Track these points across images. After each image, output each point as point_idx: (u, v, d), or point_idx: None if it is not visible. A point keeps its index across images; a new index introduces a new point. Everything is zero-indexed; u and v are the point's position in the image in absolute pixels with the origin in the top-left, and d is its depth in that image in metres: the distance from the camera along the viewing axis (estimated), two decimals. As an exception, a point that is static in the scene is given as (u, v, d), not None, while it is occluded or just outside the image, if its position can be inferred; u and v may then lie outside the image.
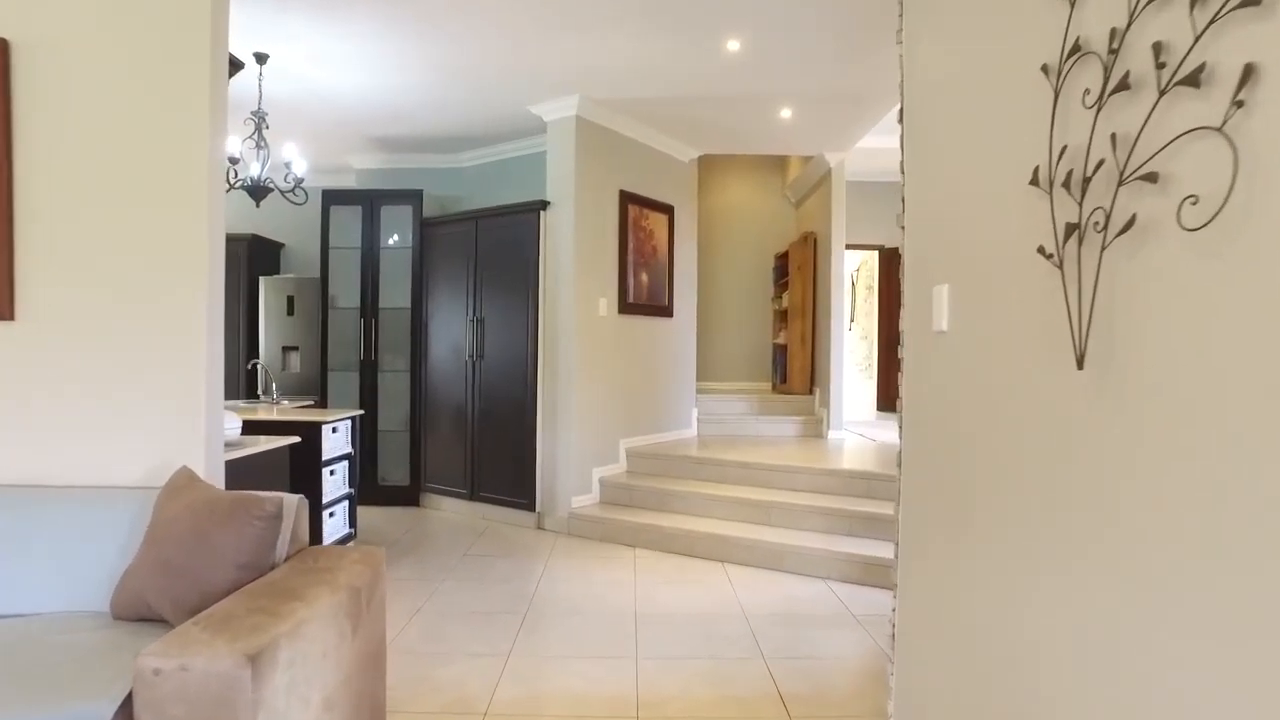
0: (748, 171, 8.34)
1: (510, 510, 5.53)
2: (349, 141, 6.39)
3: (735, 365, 8.25)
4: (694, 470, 5.49)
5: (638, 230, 5.95)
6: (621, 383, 5.82)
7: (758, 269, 8.30)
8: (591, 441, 5.51)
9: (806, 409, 7.02)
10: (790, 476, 5.08)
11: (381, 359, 6.18)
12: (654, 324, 6.17)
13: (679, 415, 6.54)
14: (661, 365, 6.29)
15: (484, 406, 5.70)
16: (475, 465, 5.74)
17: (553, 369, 5.39)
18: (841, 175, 6.62)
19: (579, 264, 5.35)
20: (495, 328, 5.64)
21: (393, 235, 6.19)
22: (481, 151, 6.62)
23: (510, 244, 5.55)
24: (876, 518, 4.43)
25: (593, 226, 5.49)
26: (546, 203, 5.41)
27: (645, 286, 6.04)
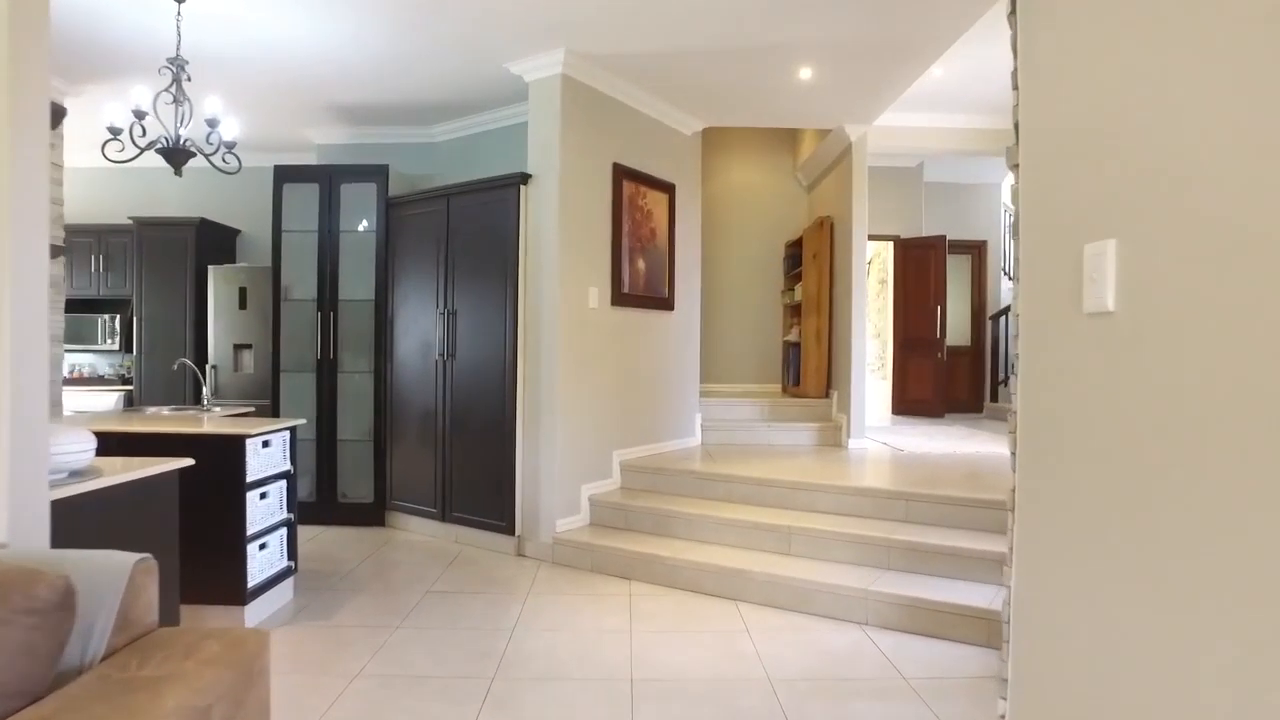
0: (755, 151, 7.58)
1: (486, 534, 4.77)
2: (305, 112, 5.62)
3: (742, 365, 7.50)
4: (699, 488, 4.73)
5: (634, 210, 5.19)
6: (615, 385, 5.07)
7: (766, 258, 7.55)
8: (580, 454, 4.75)
9: (823, 415, 6.27)
10: (812, 496, 4.33)
11: (342, 358, 5.42)
12: (652, 318, 5.42)
13: (681, 423, 5.79)
14: (661, 365, 5.54)
15: (456, 414, 4.94)
16: (446, 481, 4.98)
17: (535, 370, 4.63)
18: (863, 151, 5.87)
19: (565, 247, 4.60)
20: (469, 322, 4.88)
21: (354, 217, 5.42)
22: (456, 124, 5.86)
23: (486, 225, 4.80)
24: (919, 549, 3.68)
25: (582, 204, 4.74)
26: (527, 176, 4.65)
27: (642, 275, 5.29)
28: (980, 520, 3.85)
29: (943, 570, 3.61)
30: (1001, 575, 3.39)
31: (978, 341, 9.11)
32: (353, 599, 3.81)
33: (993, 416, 8.66)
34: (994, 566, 3.48)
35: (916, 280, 8.63)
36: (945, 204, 9.13)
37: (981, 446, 5.90)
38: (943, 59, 5.04)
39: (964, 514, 3.90)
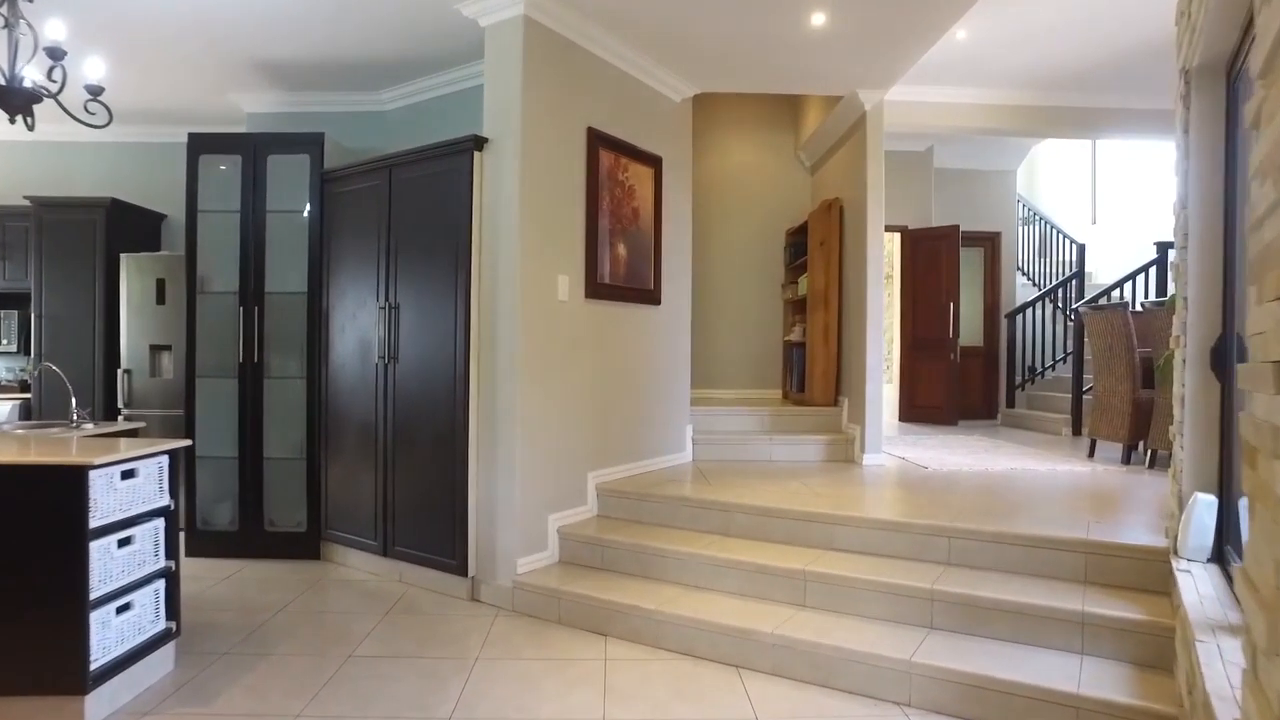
0: (753, 127, 6.79)
1: (435, 573, 3.96)
2: (227, 72, 4.79)
3: (738, 368, 6.70)
4: (691, 518, 3.93)
5: (613, 184, 4.39)
6: (590, 393, 4.26)
7: (765, 248, 6.76)
8: (546, 477, 3.95)
9: (831, 425, 5.48)
10: (830, 530, 3.54)
11: (269, 361, 4.59)
12: (635, 314, 4.62)
13: (669, 436, 4.99)
14: (646, 369, 4.74)
15: (400, 428, 4.12)
16: (388, 509, 4.16)
17: (490, 375, 3.82)
18: (879, 122, 5.10)
19: (528, 227, 3.79)
20: (414, 318, 4.06)
21: (285, 195, 4.59)
22: (408, 87, 5.04)
23: (434, 201, 3.98)
24: (973, 604, 2.89)
25: (549, 175, 3.93)
26: (483, 140, 3.84)
27: (623, 262, 4.49)
28: (1048, 564, 3.07)
29: (1005, 632, 2.82)
30: (1084, 642, 2.64)
31: (991, 342, 8.36)
32: (253, 669, 2.98)
33: (1011, 424, 7.90)
34: (1073, 629, 2.70)
35: (926, 274, 7.88)
36: (956, 192, 8.37)
37: (1015, 461, 5.13)
38: (968, 18, 4.28)
39: (1025, 556, 3.12)
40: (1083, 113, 6.28)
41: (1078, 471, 4.81)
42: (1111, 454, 5.46)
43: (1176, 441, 2.71)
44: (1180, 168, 2.59)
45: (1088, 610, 2.68)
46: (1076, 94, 6.11)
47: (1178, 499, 2.60)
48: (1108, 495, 4.04)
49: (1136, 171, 9.31)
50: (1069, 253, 8.88)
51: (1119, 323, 5.15)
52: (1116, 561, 2.95)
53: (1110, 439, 5.28)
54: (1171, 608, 2.64)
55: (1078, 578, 3.01)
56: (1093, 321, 5.42)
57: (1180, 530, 2.50)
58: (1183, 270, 2.58)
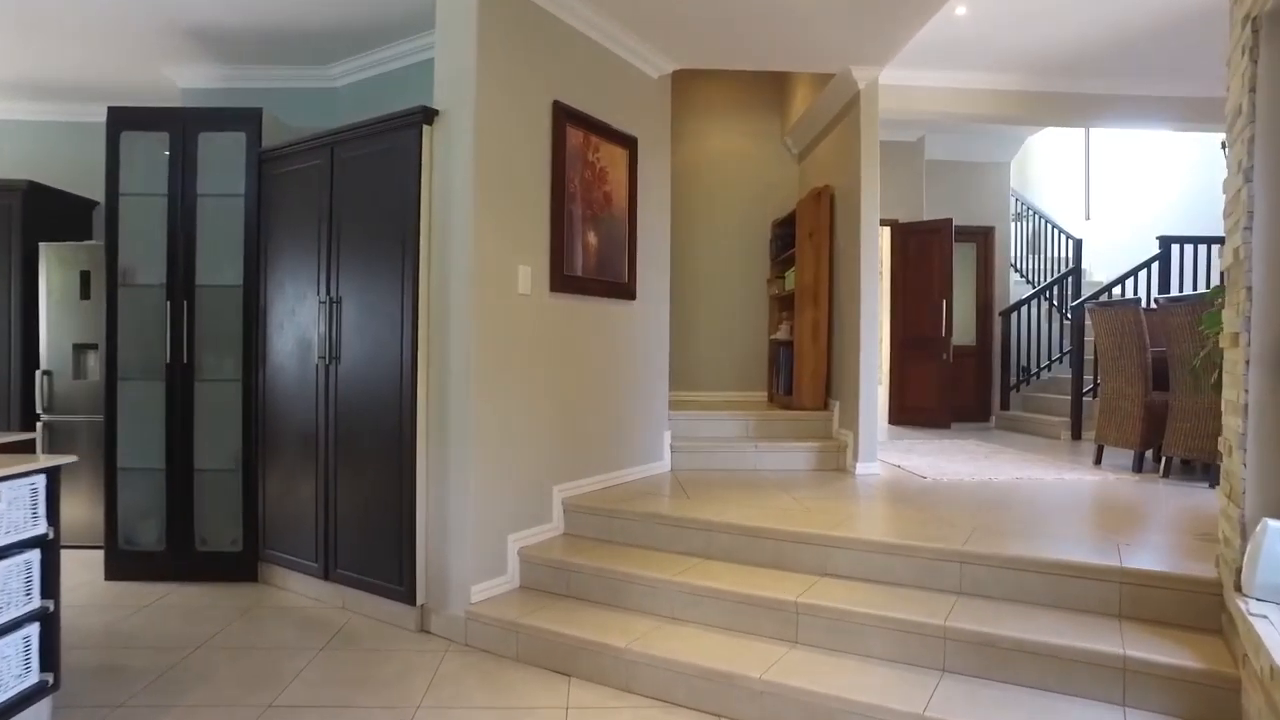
0: (736, 111, 6.38)
1: (380, 600, 3.51)
2: (155, 40, 4.31)
3: (721, 369, 6.28)
4: (669, 537, 3.51)
5: (583, 165, 3.96)
6: (555, 397, 3.83)
7: (750, 240, 6.35)
8: (505, 492, 3.51)
9: (822, 431, 5.08)
10: (824, 553, 3.13)
11: (201, 362, 4.12)
12: (607, 309, 4.19)
13: (645, 444, 4.56)
14: (619, 369, 4.31)
15: (342, 436, 3.67)
16: (329, 527, 3.71)
17: (441, 377, 3.38)
18: (874, 102, 4.70)
19: (484, 211, 3.35)
20: (358, 314, 3.61)
21: (219, 176, 4.12)
22: (361, 60, 4.59)
23: (379, 182, 3.53)
24: (993, 644, 2.48)
25: (509, 152, 3.50)
26: (433, 112, 3.40)
27: (594, 252, 4.06)
28: (1076, 595, 2.67)
29: (1031, 678, 2.42)
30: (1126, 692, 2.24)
31: (984, 341, 8.00)
32: (149, 724, 2.53)
33: (1006, 427, 7.55)
34: (1113, 677, 2.30)
35: (918, 270, 7.51)
36: (948, 185, 8.01)
37: (1018, 469, 4.75)
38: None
39: (1049, 585, 2.72)
40: (1080, 99, 5.94)
41: (1088, 481, 4.44)
42: (1120, 460, 5.09)
43: (1231, 455, 2.32)
44: (1242, 133, 2.20)
45: (1130, 654, 2.28)
46: (1074, 79, 5.79)
47: (1238, 525, 2.20)
48: (1127, 509, 3.66)
49: (1130, 166, 9.00)
50: (1063, 249, 8.54)
51: (1130, 320, 4.79)
52: (1157, 594, 2.55)
53: (1119, 445, 4.92)
54: (1231, 654, 2.25)
55: (1110, 611, 2.62)
56: (1101, 319, 5.05)
57: (1246, 564, 2.10)
58: (1243, 256, 2.18)
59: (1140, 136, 8.72)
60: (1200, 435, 4.33)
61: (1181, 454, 4.47)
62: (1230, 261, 2.33)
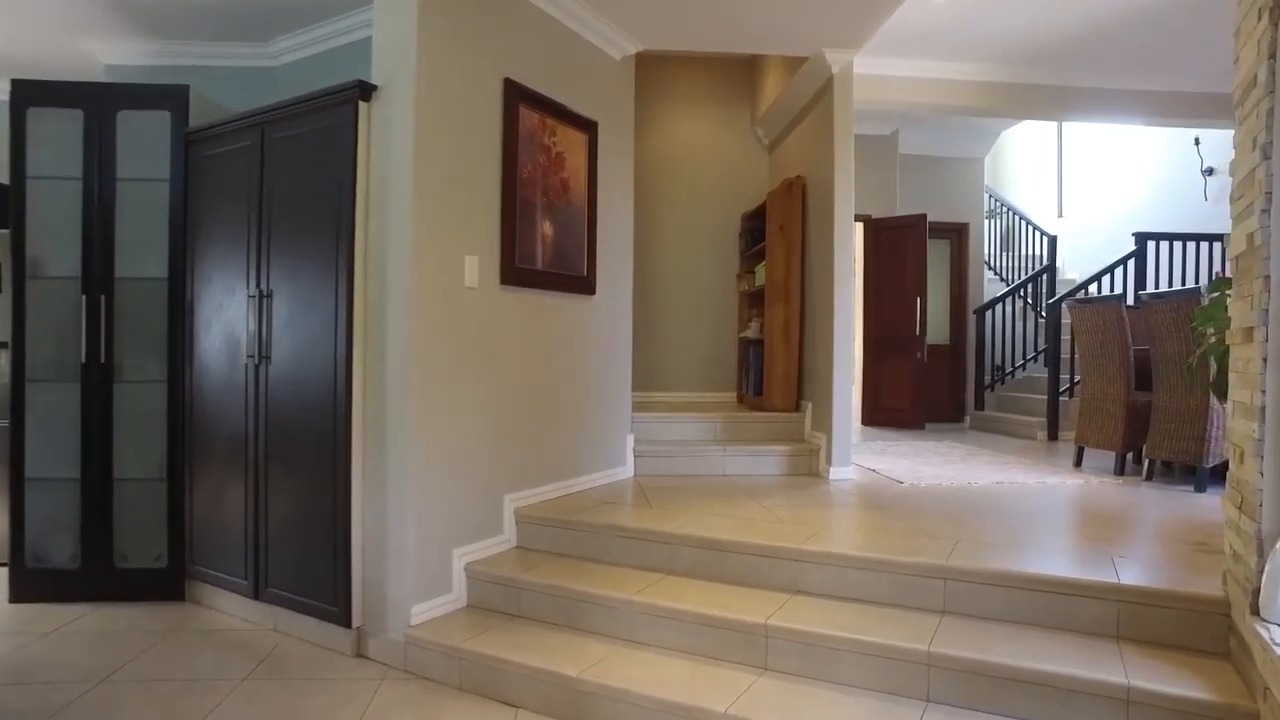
0: (704, 99, 6.12)
1: (314, 622, 3.20)
2: (79, 9, 3.95)
3: (688, 369, 6.02)
4: (627, 550, 3.24)
5: (537, 150, 3.68)
6: (507, 398, 3.54)
7: (718, 234, 6.09)
8: (450, 502, 3.22)
9: (793, 434, 4.84)
10: (796, 569, 2.88)
11: (121, 362, 3.77)
12: (564, 304, 3.91)
13: (606, 449, 4.29)
14: (577, 369, 4.03)
15: (274, 442, 3.35)
16: (259, 541, 3.39)
17: (379, 377, 3.09)
18: (848, 87, 4.47)
19: (425, 196, 3.06)
20: (290, 309, 3.30)
21: (141, 159, 3.78)
22: (304, 36, 4.26)
23: (313, 163, 3.23)
24: (981, 672, 2.25)
25: (455, 132, 3.21)
26: (370, 88, 3.10)
27: (550, 243, 3.78)
28: (1070, 614, 2.45)
29: (1023, 708, 2.19)
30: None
31: (958, 339, 7.84)
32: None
33: (981, 427, 7.38)
34: (1115, 709, 2.07)
35: (892, 267, 7.33)
36: (922, 180, 7.84)
37: (997, 473, 4.55)
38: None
39: (1040, 603, 2.49)
40: (1056, 92, 5.79)
41: (1070, 485, 4.24)
42: (1101, 463, 4.92)
43: (1244, 463, 2.10)
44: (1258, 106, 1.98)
45: (1135, 685, 2.05)
46: (1051, 71, 5.66)
47: (1253, 541, 1.98)
48: (1115, 516, 3.46)
49: (1103, 164, 8.90)
50: (1036, 246, 8.42)
51: (1112, 318, 4.61)
52: (1159, 614, 2.33)
53: (1100, 446, 4.74)
54: (1245, 684, 2.03)
55: (1107, 631, 2.40)
56: (1081, 317, 4.87)
57: (1266, 586, 1.88)
58: (1259, 241, 1.96)
59: (1112, 134, 8.63)
60: (1184, 437, 4.15)
61: (1165, 456, 4.29)
62: (1242, 248, 2.11)
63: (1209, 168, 7.61)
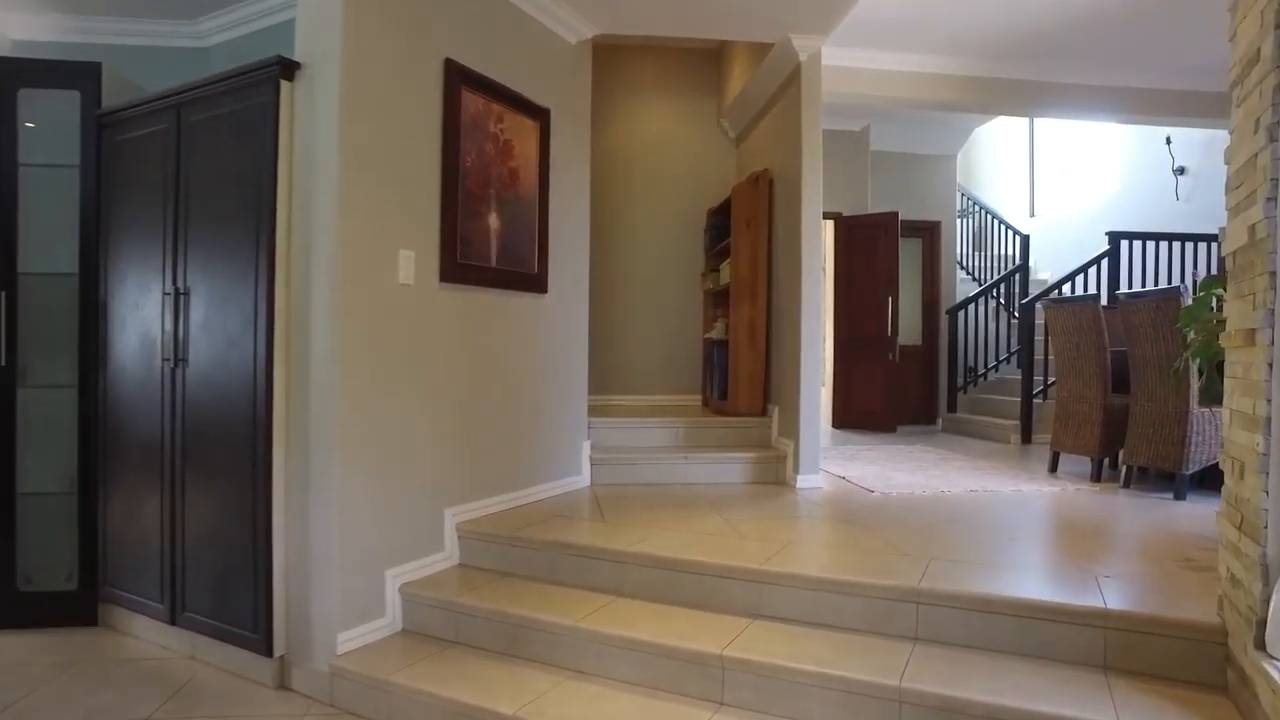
0: (668, 90, 5.89)
1: (234, 650, 2.92)
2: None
3: (650, 371, 5.78)
4: (576, 570, 2.99)
5: (483, 137, 3.42)
6: (449, 405, 3.28)
7: (682, 230, 5.86)
8: (384, 518, 2.95)
9: (759, 439, 4.62)
10: (758, 591, 2.65)
11: (26, 365, 3.45)
12: (512, 303, 3.65)
13: (559, 457, 4.03)
14: (528, 372, 3.78)
15: (191, 453, 3.06)
16: (177, 560, 3.10)
17: (303, 383, 2.81)
18: (816, 76, 4.25)
19: (354, 184, 2.79)
20: (208, 307, 3.01)
21: (47, 144, 3.47)
22: (233, 14, 3.95)
23: (232, 148, 2.94)
24: (961, 709, 2.02)
25: (388, 115, 2.94)
26: (293, 65, 2.82)
27: (496, 237, 3.52)
28: (1053, 642, 2.24)
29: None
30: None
31: (930, 340, 7.68)
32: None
33: (954, 430, 7.23)
34: (1105, 756, 1.86)
35: (863, 266, 7.15)
36: (894, 178, 7.68)
37: (971, 479, 4.36)
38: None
39: (1021, 630, 2.28)
40: (1030, 87, 5.64)
41: (1046, 493, 4.06)
42: (1076, 468, 4.76)
43: (1244, 479, 1.90)
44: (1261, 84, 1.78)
45: (1124, 725, 1.85)
46: (1024, 66, 5.52)
47: (1257, 567, 1.79)
48: (1096, 529, 3.27)
49: (1074, 163, 8.80)
50: (1008, 246, 8.29)
51: (1089, 318, 4.44)
52: (1151, 643, 2.13)
53: (1077, 452, 4.57)
54: (1249, 725, 1.83)
55: (1094, 661, 2.19)
56: (1057, 317, 4.70)
57: (1273, 620, 1.68)
58: (1262, 234, 1.76)
59: (1083, 133, 8.53)
60: (1163, 442, 3.99)
61: (1143, 462, 4.13)
62: (1242, 241, 1.91)
63: (1180, 167, 7.51)
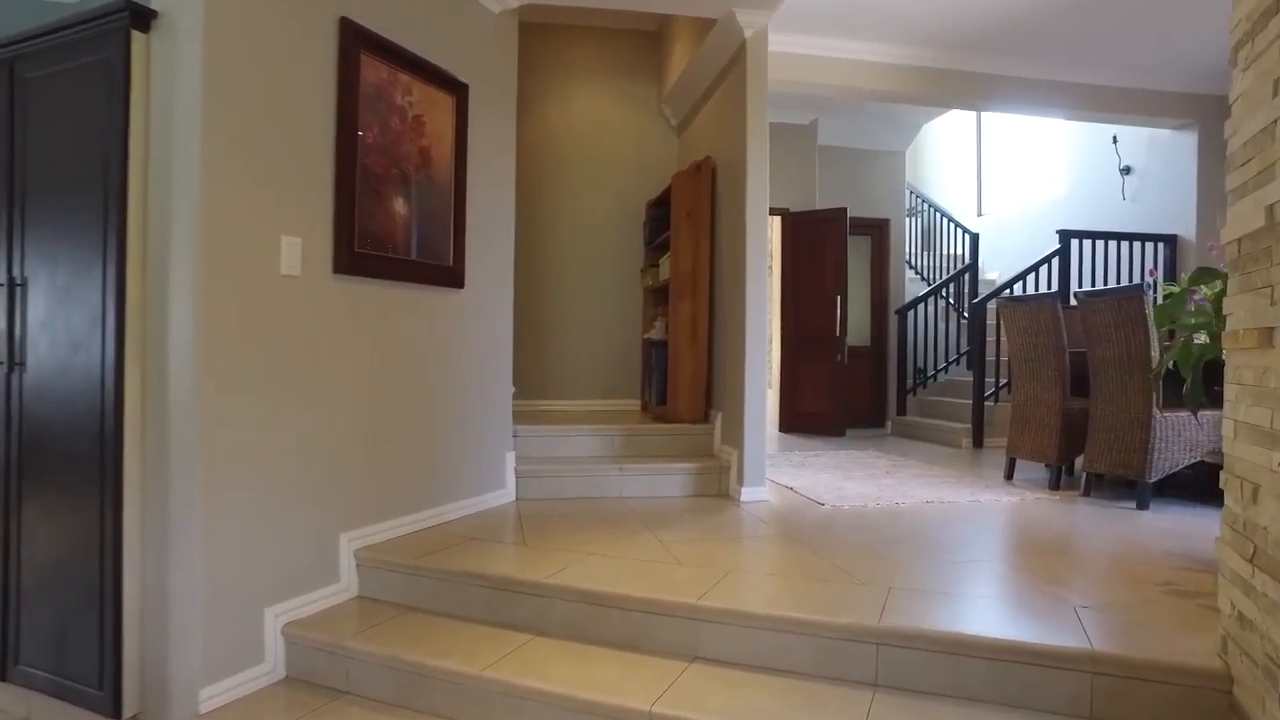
0: (605, 73, 5.52)
1: (76, 712, 2.46)
2: None
3: (586, 374, 5.41)
4: (489, 604, 2.60)
5: (388, 110, 3.00)
6: (346, 413, 2.86)
7: (622, 224, 5.50)
8: (263, 545, 2.52)
9: (701, 448, 4.28)
10: (696, 630, 2.30)
11: None
12: (423, 299, 3.25)
13: (479, 470, 3.63)
14: (441, 376, 3.38)
15: (29, 472, 2.59)
16: (9, 603, 2.62)
17: (162, 388, 2.37)
18: (762, 56, 3.93)
19: (222, 156, 2.37)
20: (49, 301, 2.55)
21: None
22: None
23: (77, 113, 2.48)
24: (928, 777, 1.70)
25: (266, 76, 2.51)
26: (148, 13, 2.38)
27: (404, 225, 3.11)
28: (1033, 689, 1.93)
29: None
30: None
31: (879, 341, 7.47)
32: None
33: (903, 434, 7.02)
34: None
35: (811, 264, 6.89)
36: (842, 173, 7.45)
37: (926, 489, 4.09)
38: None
39: (995, 675, 1.97)
40: (980, 79, 5.47)
41: (1005, 504, 3.81)
42: (1033, 474, 4.55)
43: (1256, 503, 1.62)
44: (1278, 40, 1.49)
45: (1126, 801, 1.54)
46: (975, 57, 5.39)
47: (1268, 604, 1.49)
48: (1063, 547, 3.00)
49: (1021, 162, 8.69)
50: (956, 245, 8.13)
51: (1047, 317, 4.21)
52: (1143, 690, 1.84)
53: (1034, 458, 4.35)
54: (1273, 800, 1.53)
55: (1080, 712, 1.89)
56: (1014, 317, 4.47)
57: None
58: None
59: (1030, 132, 8.42)
60: (1125, 449, 3.77)
61: (1104, 469, 3.91)
62: (1256, 226, 1.62)
63: (1126, 166, 7.42)
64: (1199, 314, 2.57)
